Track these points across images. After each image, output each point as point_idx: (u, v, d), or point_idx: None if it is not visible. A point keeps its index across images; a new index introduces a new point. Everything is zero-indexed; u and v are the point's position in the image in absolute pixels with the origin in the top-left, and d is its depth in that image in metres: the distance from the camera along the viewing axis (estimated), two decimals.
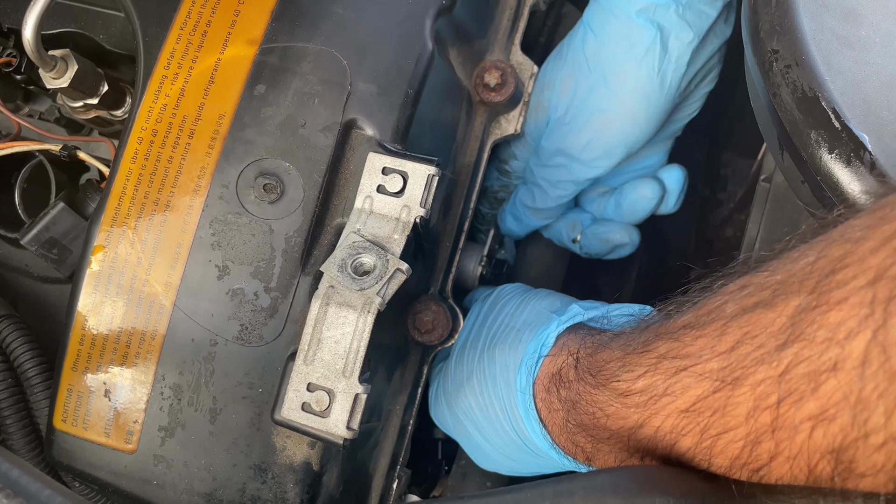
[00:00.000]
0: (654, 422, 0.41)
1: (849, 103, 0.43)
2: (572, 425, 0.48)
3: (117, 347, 0.50)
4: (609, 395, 0.44)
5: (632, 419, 0.43)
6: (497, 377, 0.54)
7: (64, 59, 0.55)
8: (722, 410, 0.37)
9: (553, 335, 0.52)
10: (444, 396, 0.62)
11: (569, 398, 0.48)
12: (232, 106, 0.51)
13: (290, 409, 0.46)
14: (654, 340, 0.43)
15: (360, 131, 0.51)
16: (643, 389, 0.42)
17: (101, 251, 0.50)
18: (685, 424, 0.39)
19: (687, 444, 0.40)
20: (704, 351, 0.38)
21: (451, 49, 0.59)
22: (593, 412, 0.45)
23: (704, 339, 0.39)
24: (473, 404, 0.57)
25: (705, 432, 0.38)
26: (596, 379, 0.46)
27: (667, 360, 0.41)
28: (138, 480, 0.50)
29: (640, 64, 0.61)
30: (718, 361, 0.37)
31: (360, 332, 0.46)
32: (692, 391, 0.39)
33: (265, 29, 0.52)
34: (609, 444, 0.45)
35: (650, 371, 0.42)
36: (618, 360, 0.45)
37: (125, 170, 0.51)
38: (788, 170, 0.47)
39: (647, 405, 0.41)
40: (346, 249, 0.48)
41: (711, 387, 0.37)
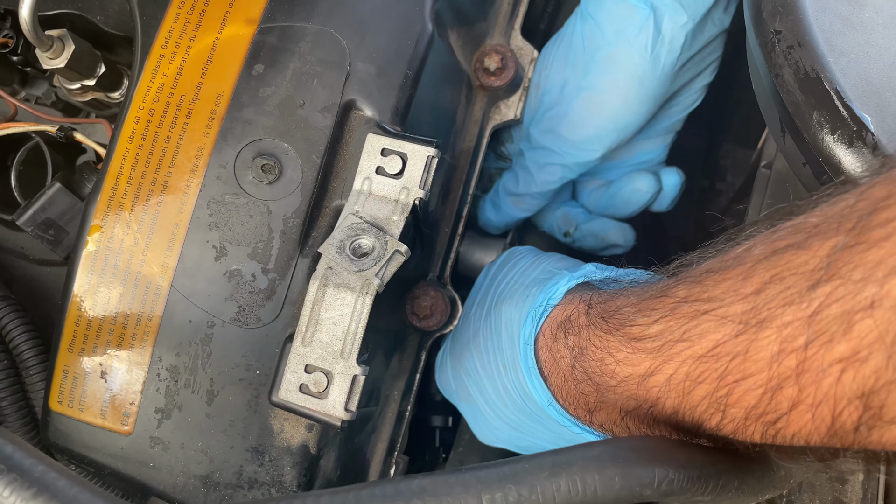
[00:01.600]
0: (667, 369, 0.39)
1: (851, 84, 0.42)
2: (579, 372, 0.46)
3: (113, 329, 0.50)
4: (621, 340, 0.42)
5: (643, 366, 0.41)
6: (502, 332, 0.53)
7: (61, 40, 0.54)
8: (743, 355, 0.35)
9: (563, 289, 0.50)
10: (449, 359, 0.61)
11: (577, 344, 0.46)
12: (230, 85, 0.50)
13: (288, 391, 0.46)
14: (674, 286, 0.41)
15: (359, 112, 0.51)
16: (658, 334, 0.40)
17: (98, 232, 0.50)
18: (701, 371, 0.37)
19: (701, 394, 0.38)
20: (728, 294, 0.36)
21: (452, 31, 0.59)
22: (602, 357, 0.44)
23: (728, 283, 0.37)
24: (477, 362, 0.56)
25: (723, 379, 0.36)
26: (608, 323, 0.44)
27: (686, 303, 0.39)
28: (134, 462, 0.50)
29: (632, 44, 0.61)
30: (742, 304, 0.35)
31: (358, 313, 0.46)
32: (711, 335, 0.37)
33: (264, 8, 0.52)
34: (616, 392, 0.43)
35: (667, 316, 0.40)
36: (633, 305, 0.43)
37: (122, 149, 0.50)
38: (790, 152, 0.47)
39: (661, 351, 0.40)
40: (344, 231, 0.47)
41: (733, 330, 0.35)
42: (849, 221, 0.32)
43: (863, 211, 0.31)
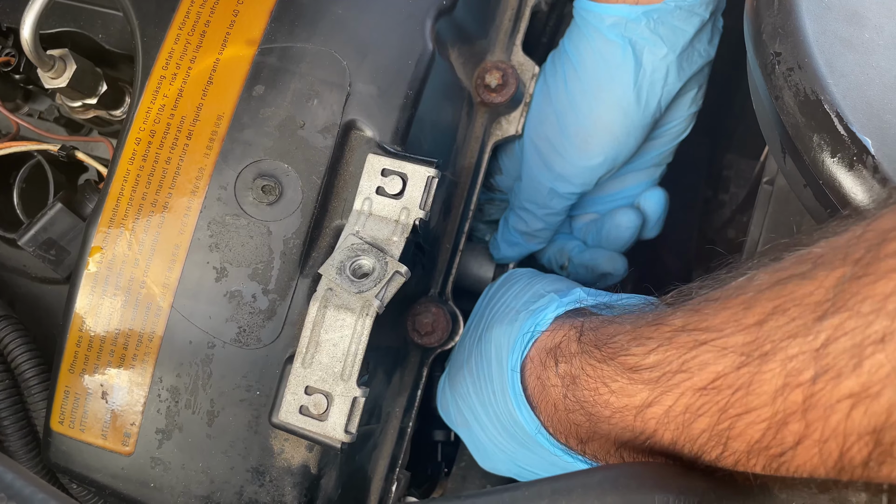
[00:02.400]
0: (665, 400, 0.38)
1: (852, 106, 0.42)
2: (571, 402, 0.45)
3: (114, 349, 0.50)
4: (616, 370, 0.41)
5: (639, 396, 0.40)
6: (492, 357, 0.52)
7: (62, 59, 0.55)
8: (746, 388, 0.34)
9: (551, 315, 0.49)
10: (448, 383, 0.61)
11: (569, 373, 0.45)
12: (230, 106, 0.50)
13: (288, 413, 0.46)
14: (671, 314, 0.40)
15: (359, 132, 0.51)
16: (655, 365, 0.39)
17: (99, 252, 0.50)
18: (702, 403, 0.36)
19: (701, 427, 0.37)
20: (728, 324, 0.35)
21: (452, 49, 0.59)
22: (596, 387, 0.42)
23: (729, 312, 0.36)
24: (470, 387, 0.55)
25: (724, 412, 0.35)
26: (602, 352, 0.43)
27: (684, 332, 0.38)
28: (135, 483, 0.50)
29: (613, 78, 0.61)
30: (744, 335, 0.34)
31: (358, 334, 0.46)
32: (712, 367, 0.35)
33: (264, 29, 0.52)
34: (609, 423, 0.42)
35: (664, 345, 0.38)
36: (627, 333, 0.42)
37: (123, 170, 0.51)
38: (791, 173, 0.47)
39: (659, 382, 0.38)
40: (344, 251, 0.47)
41: (735, 362, 0.34)
42: (856, 252, 0.31)
43: (871, 242, 0.31)
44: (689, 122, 0.69)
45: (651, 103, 0.62)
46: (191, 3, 0.53)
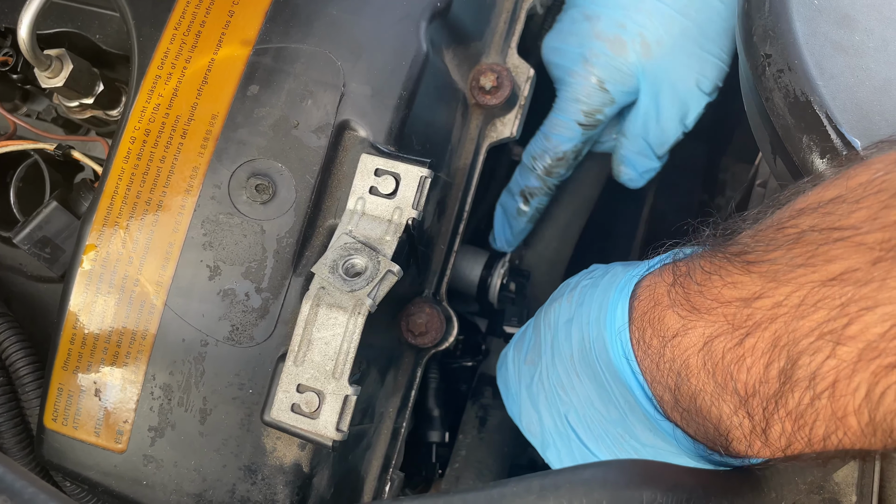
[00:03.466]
0: (779, 292, 0.35)
1: (841, 108, 0.43)
2: (676, 293, 0.41)
3: (108, 347, 0.50)
4: (735, 264, 0.38)
5: (752, 288, 0.36)
6: (603, 282, 0.49)
7: (59, 59, 0.55)
8: (879, 282, 0.30)
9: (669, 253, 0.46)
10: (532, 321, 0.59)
11: (684, 269, 0.42)
12: (225, 106, 0.51)
13: (280, 411, 0.46)
14: (797, 216, 0.36)
15: (353, 132, 0.51)
16: (778, 258, 0.35)
17: (93, 250, 0.50)
18: (821, 297, 0.33)
19: (813, 323, 0.33)
20: (865, 223, 0.32)
21: (447, 51, 0.59)
22: (708, 278, 0.39)
23: (865, 212, 0.32)
24: (564, 310, 0.52)
25: (845, 307, 0.32)
26: (723, 249, 0.39)
27: (815, 231, 0.34)
28: (128, 480, 0.50)
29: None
30: (884, 233, 0.31)
31: (350, 333, 0.46)
32: (840, 262, 0.32)
33: (259, 29, 0.52)
34: (711, 316, 0.39)
35: (791, 242, 0.35)
36: (751, 234, 0.39)
37: (118, 169, 0.51)
38: (781, 174, 0.47)
39: (778, 274, 0.35)
40: (337, 251, 0.48)
41: (871, 256, 0.31)
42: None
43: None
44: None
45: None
46: (186, 4, 0.53)
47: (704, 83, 0.69)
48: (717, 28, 0.67)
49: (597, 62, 0.69)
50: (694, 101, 0.70)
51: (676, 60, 0.68)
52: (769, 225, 0.38)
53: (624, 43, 0.68)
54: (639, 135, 0.73)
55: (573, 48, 0.70)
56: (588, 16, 0.69)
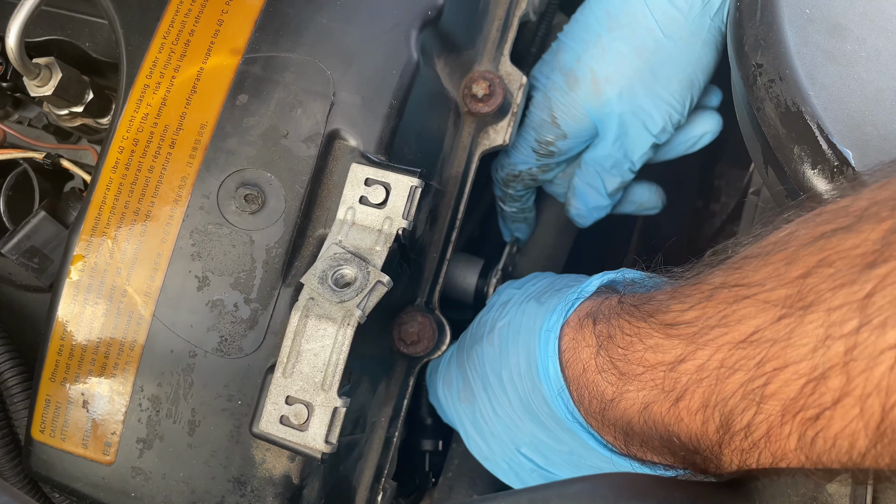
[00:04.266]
0: (700, 356, 0.36)
1: (833, 118, 0.42)
2: (602, 360, 0.43)
3: (96, 358, 0.50)
4: (653, 326, 0.40)
5: (673, 352, 0.38)
6: (521, 327, 0.51)
7: (48, 67, 0.55)
8: (785, 341, 0.32)
9: (596, 282, 0.48)
10: (455, 358, 0.60)
11: (605, 332, 0.44)
12: (214, 115, 0.50)
13: (269, 423, 0.46)
14: (710, 273, 0.38)
15: (343, 142, 0.51)
16: (693, 320, 0.37)
17: (81, 261, 0.50)
18: (738, 358, 0.34)
19: (735, 384, 0.34)
20: (770, 279, 0.34)
21: (438, 59, 0.59)
22: (630, 342, 0.41)
23: (771, 267, 0.34)
24: (489, 356, 0.54)
25: (760, 367, 0.33)
26: (640, 310, 0.41)
27: (725, 289, 0.36)
28: (116, 492, 0.50)
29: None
30: (787, 289, 0.32)
31: (339, 345, 0.46)
32: (751, 321, 0.34)
33: (248, 39, 0.52)
34: (640, 381, 0.41)
35: (703, 301, 0.37)
36: (666, 293, 0.41)
37: (105, 179, 0.51)
38: (773, 184, 0.47)
39: (695, 337, 0.37)
40: (326, 261, 0.47)
41: (775, 314, 0.33)
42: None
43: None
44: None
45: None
46: (175, 13, 0.53)
47: (651, 124, 0.68)
48: (670, 73, 0.66)
49: (552, 95, 0.69)
50: (640, 142, 0.69)
51: (624, 100, 0.67)
52: (688, 280, 0.40)
53: (577, 78, 0.67)
54: (590, 167, 0.72)
55: (541, 77, 0.70)
56: (555, 48, 0.70)
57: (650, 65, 0.65)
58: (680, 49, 0.64)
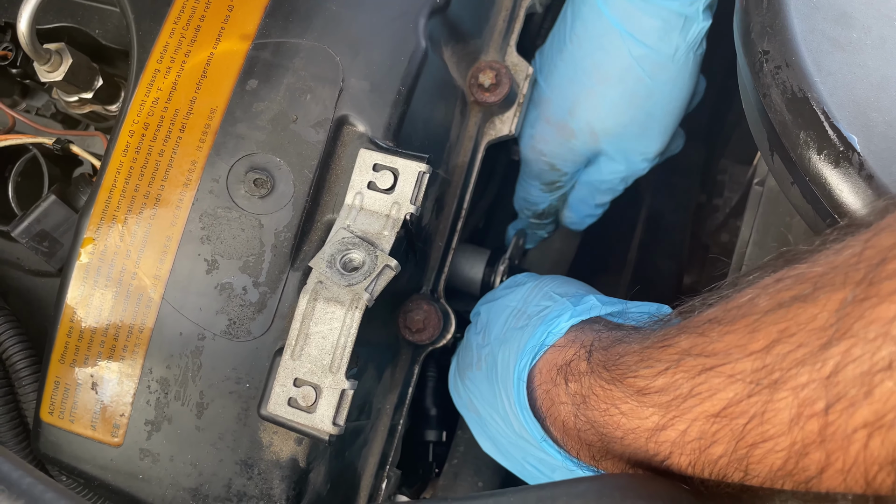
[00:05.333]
0: (678, 425, 0.37)
1: (838, 104, 0.43)
2: (582, 421, 0.44)
3: (105, 340, 0.50)
4: (625, 392, 0.41)
5: (650, 420, 0.39)
6: (497, 363, 0.52)
7: (58, 53, 0.55)
8: (760, 417, 0.33)
9: (565, 326, 0.48)
10: (458, 374, 0.61)
11: (579, 392, 0.45)
12: (224, 100, 0.51)
13: (277, 405, 0.46)
14: (676, 335, 0.39)
15: (351, 128, 0.51)
16: (664, 388, 0.38)
17: (91, 244, 0.50)
18: (716, 430, 0.35)
19: (718, 452, 0.36)
20: (733, 349, 0.35)
21: (446, 48, 0.59)
22: (606, 408, 0.42)
23: (733, 336, 0.35)
24: (481, 384, 0.55)
25: (741, 440, 0.34)
26: (610, 373, 0.42)
27: (690, 356, 0.37)
28: (124, 474, 0.50)
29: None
30: (751, 362, 0.34)
31: (347, 327, 0.46)
32: (722, 394, 0.35)
33: (258, 24, 0.52)
34: (622, 444, 0.42)
35: (671, 368, 0.38)
36: (635, 353, 0.41)
37: (116, 163, 0.51)
38: (778, 171, 0.47)
39: (670, 406, 0.38)
40: (335, 245, 0.48)
41: (745, 390, 0.34)
42: (856, 272, 0.30)
43: (871, 261, 0.30)
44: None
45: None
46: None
47: (646, 155, 0.72)
48: (663, 111, 0.68)
49: (545, 147, 0.71)
50: (635, 169, 0.73)
51: (623, 142, 0.70)
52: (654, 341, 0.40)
53: (572, 131, 0.69)
54: (584, 188, 0.77)
55: (526, 128, 0.72)
56: (539, 97, 0.70)
57: (644, 110, 0.68)
58: (669, 88, 0.67)
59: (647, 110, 0.68)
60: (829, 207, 0.42)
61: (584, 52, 0.66)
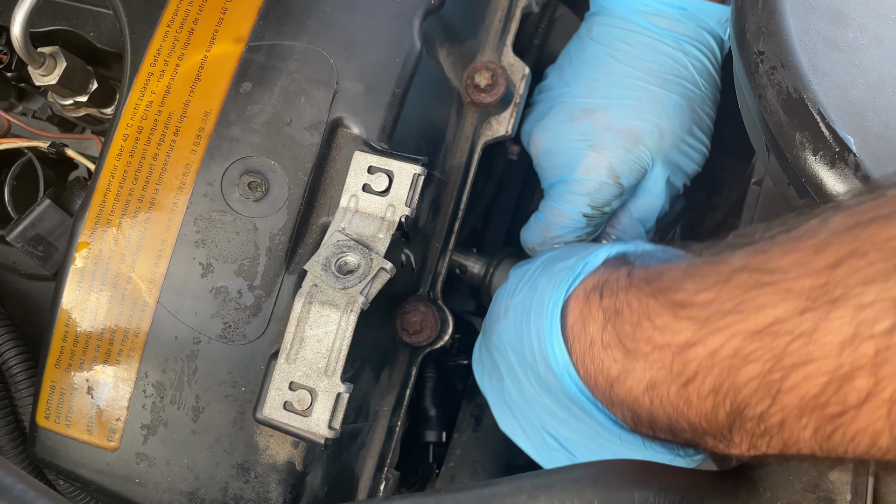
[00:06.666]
0: (712, 341, 0.35)
1: (834, 105, 0.42)
2: (609, 335, 0.42)
3: (100, 344, 0.50)
4: (663, 304, 0.38)
5: (683, 335, 0.36)
6: (532, 304, 0.49)
7: (53, 57, 0.55)
8: (808, 336, 0.30)
9: (603, 254, 0.46)
10: (483, 339, 0.60)
11: (612, 306, 0.42)
12: (218, 103, 0.51)
13: (272, 408, 0.46)
14: (730, 252, 0.36)
15: (346, 130, 0.51)
16: (706, 302, 0.35)
17: (86, 248, 0.50)
18: (754, 349, 0.33)
19: (750, 374, 0.33)
20: (795, 267, 0.32)
21: (441, 49, 0.59)
22: (638, 321, 0.39)
23: (797, 255, 0.32)
24: (507, 337, 0.53)
25: (779, 361, 0.31)
26: (651, 286, 0.40)
27: (745, 272, 0.34)
28: (120, 478, 0.50)
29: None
30: (812, 279, 0.31)
31: (342, 331, 0.46)
32: (770, 310, 0.32)
33: (252, 27, 0.52)
34: (647, 361, 0.39)
35: (720, 283, 0.35)
36: (680, 269, 0.39)
37: (110, 166, 0.51)
38: (775, 172, 0.47)
39: (708, 322, 0.35)
40: (330, 248, 0.47)
41: (798, 306, 0.31)
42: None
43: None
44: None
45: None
46: (179, 1, 0.53)
47: (689, 169, 0.71)
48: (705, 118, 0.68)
49: (611, 155, 0.65)
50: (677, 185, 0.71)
51: (679, 149, 0.67)
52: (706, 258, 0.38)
53: (639, 136, 0.64)
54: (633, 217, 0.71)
55: (575, 139, 0.66)
56: (589, 109, 0.66)
57: (698, 115, 0.67)
58: (707, 95, 0.67)
59: (699, 115, 0.67)
60: None
61: (636, 60, 0.65)
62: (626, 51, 0.66)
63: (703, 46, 0.65)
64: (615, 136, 0.65)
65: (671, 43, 0.65)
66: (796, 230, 0.34)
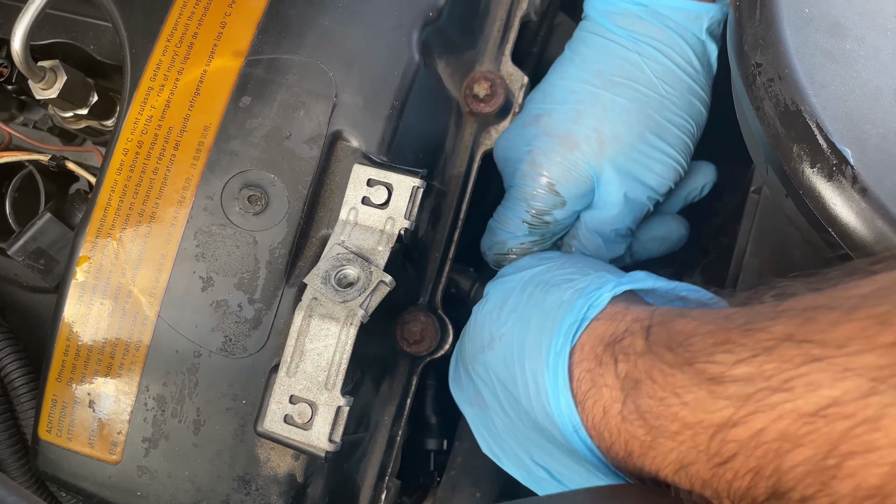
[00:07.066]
0: (755, 422, 0.32)
1: (832, 117, 0.42)
2: (629, 410, 0.38)
3: (102, 358, 0.50)
4: (692, 379, 0.35)
5: (720, 414, 0.33)
6: (525, 343, 0.46)
7: (53, 70, 0.55)
8: (873, 423, 0.28)
9: (608, 296, 0.42)
10: (461, 360, 0.57)
11: (631, 375, 0.38)
12: (217, 117, 0.51)
13: (273, 422, 0.46)
14: (771, 318, 0.33)
15: (345, 143, 0.51)
16: (747, 378, 0.32)
17: (87, 262, 0.51)
18: (806, 433, 0.30)
19: (798, 458, 0.30)
20: (855, 341, 0.29)
21: (440, 60, 0.59)
22: (664, 397, 0.36)
23: (856, 325, 0.29)
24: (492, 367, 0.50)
25: (835, 448, 0.29)
26: (675, 356, 0.36)
27: (791, 343, 0.31)
28: (122, 491, 0.50)
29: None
30: (877, 356, 0.28)
31: (342, 344, 0.46)
32: (825, 391, 0.29)
33: (251, 41, 0.52)
34: (675, 440, 0.36)
35: (760, 355, 0.32)
36: (709, 334, 0.35)
37: (111, 181, 0.51)
38: (772, 183, 0.47)
39: (751, 400, 0.32)
40: (329, 261, 0.48)
41: (860, 388, 0.28)
42: None
43: None
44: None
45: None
46: (179, 16, 0.53)
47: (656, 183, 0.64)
48: (673, 127, 0.62)
49: (545, 161, 0.61)
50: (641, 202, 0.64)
51: (631, 159, 0.61)
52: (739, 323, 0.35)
53: (576, 141, 0.61)
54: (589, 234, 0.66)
55: (521, 145, 0.63)
56: (538, 114, 0.63)
57: (655, 121, 0.61)
58: (672, 99, 0.61)
59: (658, 122, 0.61)
60: (822, 221, 0.42)
61: (587, 63, 0.62)
62: (584, 53, 0.62)
63: (667, 47, 0.60)
64: (551, 142, 0.61)
65: (626, 43, 0.60)
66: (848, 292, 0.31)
